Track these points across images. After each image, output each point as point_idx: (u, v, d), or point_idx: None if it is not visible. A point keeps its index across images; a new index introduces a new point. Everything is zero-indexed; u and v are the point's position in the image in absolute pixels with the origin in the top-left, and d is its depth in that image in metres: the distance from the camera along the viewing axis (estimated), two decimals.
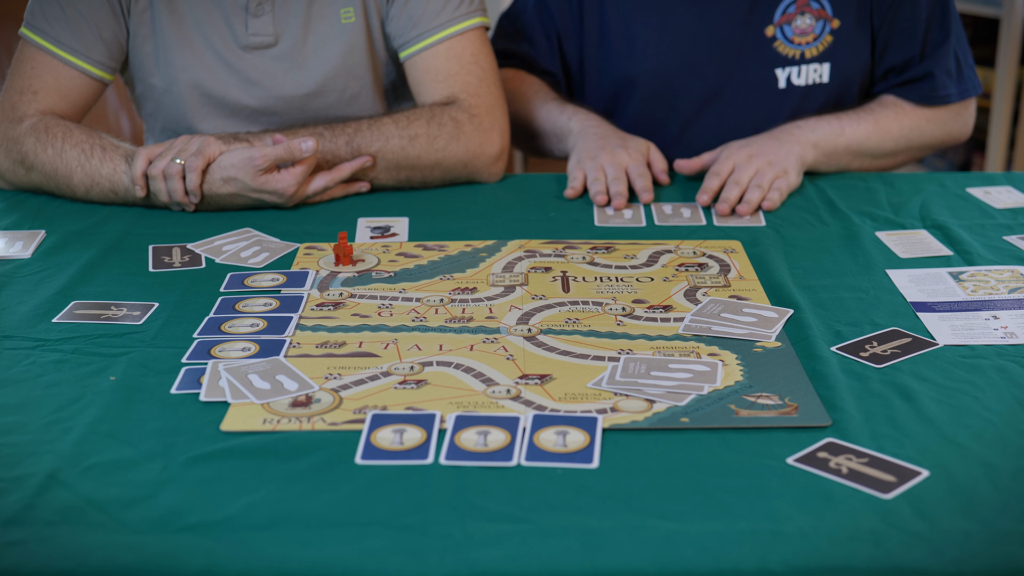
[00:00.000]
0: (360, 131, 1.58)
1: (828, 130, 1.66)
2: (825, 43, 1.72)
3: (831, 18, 1.72)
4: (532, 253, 1.40)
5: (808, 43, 1.72)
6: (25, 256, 1.40)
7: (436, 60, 1.65)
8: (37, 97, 1.59)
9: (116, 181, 1.53)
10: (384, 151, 1.58)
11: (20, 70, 1.61)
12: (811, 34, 1.71)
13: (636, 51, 1.77)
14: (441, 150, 1.61)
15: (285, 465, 0.94)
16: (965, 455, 0.96)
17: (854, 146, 1.68)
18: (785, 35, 1.72)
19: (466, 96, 1.64)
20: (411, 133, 1.59)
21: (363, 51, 1.66)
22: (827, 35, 1.72)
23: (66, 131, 1.55)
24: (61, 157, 1.54)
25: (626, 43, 1.77)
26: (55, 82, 1.60)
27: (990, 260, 1.37)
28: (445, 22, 1.63)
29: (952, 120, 1.75)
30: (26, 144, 1.56)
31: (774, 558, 0.83)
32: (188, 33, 1.62)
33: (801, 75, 1.74)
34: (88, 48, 1.60)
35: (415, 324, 1.21)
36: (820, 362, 1.11)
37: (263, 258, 1.39)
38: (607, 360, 1.12)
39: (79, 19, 1.58)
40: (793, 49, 1.72)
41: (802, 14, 1.71)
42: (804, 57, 1.73)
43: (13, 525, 0.86)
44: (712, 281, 1.32)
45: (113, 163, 1.53)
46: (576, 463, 0.94)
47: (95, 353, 1.14)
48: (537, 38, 1.83)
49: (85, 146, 1.54)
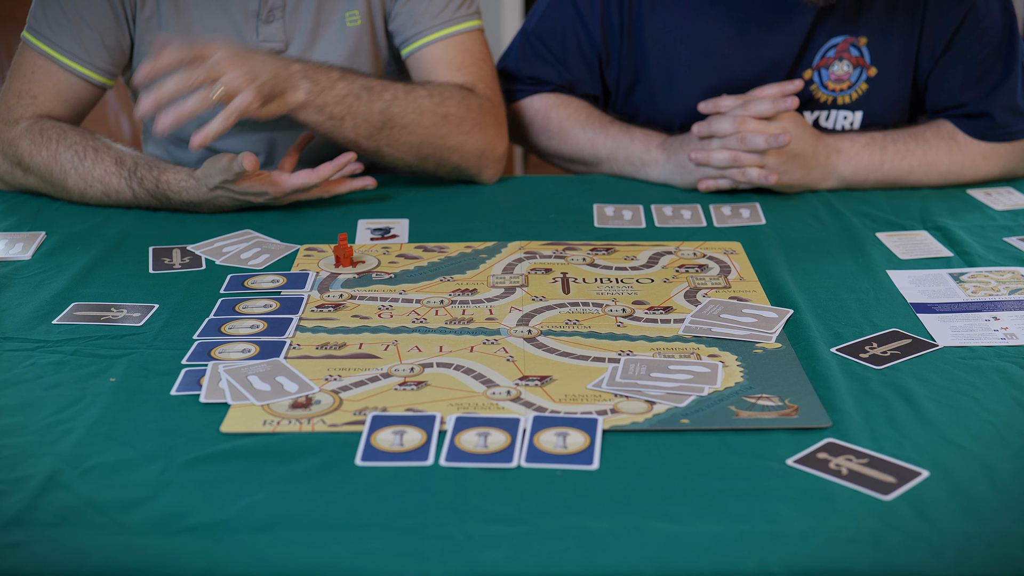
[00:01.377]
0: (397, 99, 1.54)
1: (867, 163, 1.61)
2: (860, 91, 1.67)
3: (868, 66, 1.65)
4: (532, 254, 1.40)
5: (842, 90, 1.66)
6: (25, 258, 1.40)
7: (447, 51, 1.64)
8: (35, 101, 1.59)
9: (108, 183, 1.53)
10: (415, 125, 1.55)
11: (19, 73, 1.61)
12: (847, 81, 1.66)
13: (676, 90, 1.69)
14: (466, 133, 1.58)
15: (285, 466, 0.94)
16: (965, 456, 0.96)
17: (890, 180, 1.62)
18: (821, 79, 1.66)
19: (483, 87, 1.64)
20: (444, 111, 1.56)
21: (367, 53, 1.67)
22: (863, 83, 1.66)
23: (61, 133, 1.55)
24: (56, 159, 1.54)
25: (665, 80, 1.69)
26: (55, 87, 1.60)
27: (990, 261, 1.37)
28: (447, 20, 1.64)
29: (1013, 156, 1.66)
30: (21, 146, 1.56)
31: (774, 559, 0.83)
32: (197, 39, 1.62)
33: (830, 120, 1.68)
34: (90, 54, 1.59)
35: (415, 325, 1.21)
36: (820, 363, 1.11)
37: (263, 259, 1.39)
38: (607, 361, 1.12)
39: (82, 25, 1.58)
40: (826, 95, 1.67)
41: (840, 60, 1.65)
42: (836, 103, 1.68)
43: (13, 527, 0.86)
44: (712, 282, 1.32)
45: (104, 165, 1.52)
46: (576, 464, 0.94)
47: (95, 355, 1.14)
48: (574, 62, 1.73)
49: (79, 148, 1.54)
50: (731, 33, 1.65)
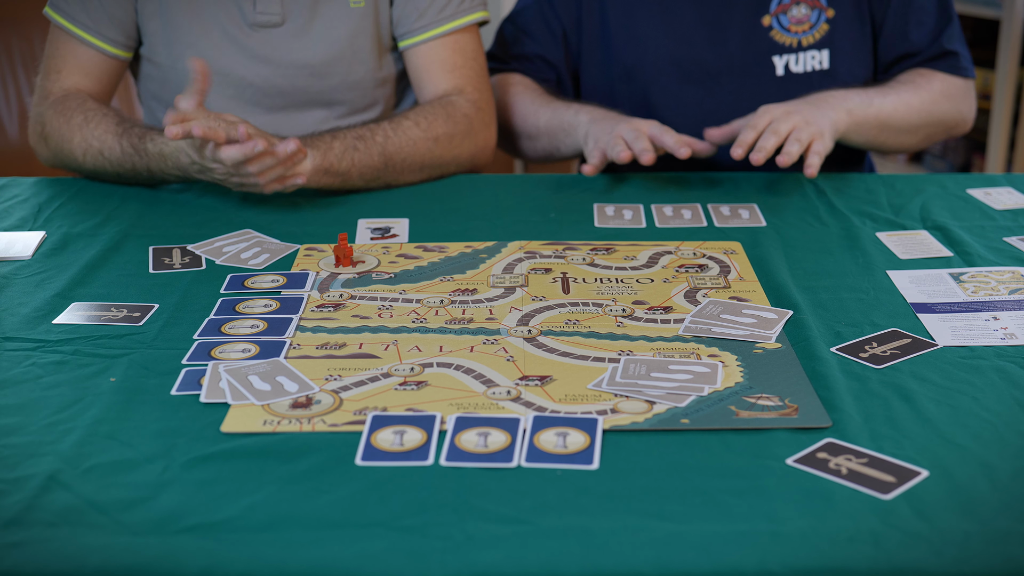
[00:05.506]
0: (389, 138, 1.59)
1: (859, 100, 1.68)
2: (821, 31, 1.75)
3: (825, 8, 1.76)
4: (532, 254, 1.40)
5: (804, 31, 1.75)
6: (25, 257, 1.40)
7: (443, 51, 1.68)
8: (61, 76, 1.65)
9: (104, 141, 1.56)
10: (412, 156, 1.61)
11: (49, 51, 1.67)
12: (807, 23, 1.75)
13: (637, 41, 1.79)
14: (458, 147, 1.66)
15: (285, 466, 0.94)
16: (964, 455, 0.96)
17: (883, 117, 1.70)
18: (781, 24, 1.75)
19: (471, 90, 1.69)
20: (434, 135, 1.63)
21: (369, 37, 1.68)
22: (823, 23, 1.75)
23: (80, 102, 1.61)
24: (68, 123, 1.59)
25: (626, 33, 1.80)
26: (75, 61, 1.65)
27: (990, 261, 1.37)
28: (451, 15, 1.66)
29: (963, 99, 1.80)
30: (46, 118, 1.62)
31: (774, 559, 0.83)
32: (196, 10, 1.64)
33: (800, 62, 1.77)
34: (100, 26, 1.64)
35: (415, 325, 1.21)
36: (820, 363, 1.11)
37: (263, 259, 1.39)
38: (607, 361, 1.12)
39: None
40: (790, 37, 1.75)
41: (797, 4, 1.75)
42: (801, 45, 1.76)
43: (13, 526, 0.87)
44: (712, 282, 1.32)
45: (105, 125, 1.57)
46: (576, 464, 0.94)
47: (95, 354, 1.14)
48: (542, 36, 1.84)
49: (90, 113, 1.59)
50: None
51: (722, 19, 1.77)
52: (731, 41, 1.78)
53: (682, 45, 1.79)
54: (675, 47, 1.79)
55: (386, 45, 1.71)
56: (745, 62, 1.78)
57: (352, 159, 1.56)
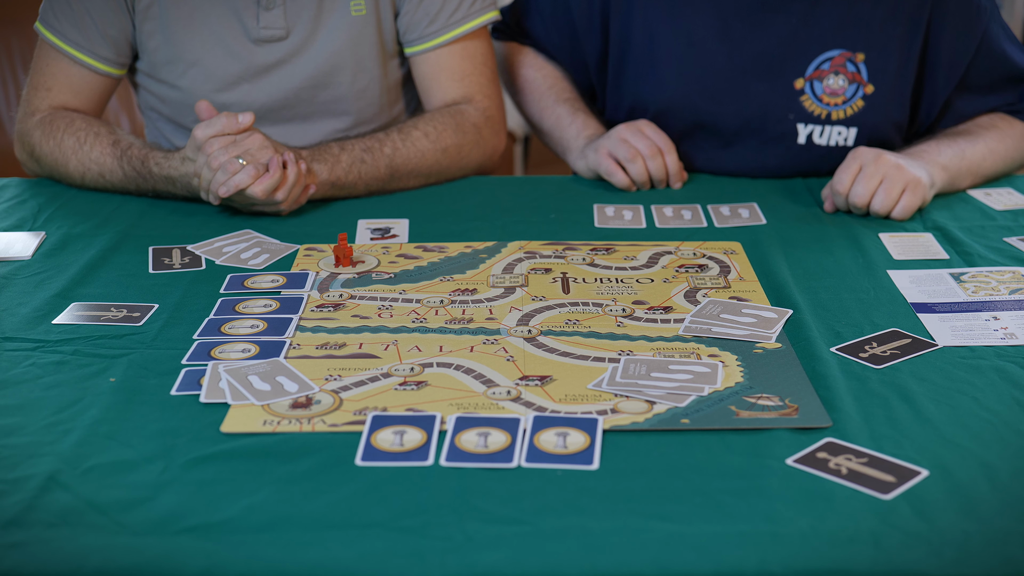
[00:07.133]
0: (397, 150, 1.60)
1: (951, 153, 1.58)
2: (855, 108, 1.63)
3: (866, 83, 1.62)
4: (532, 254, 1.40)
5: (837, 104, 1.63)
6: (25, 257, 1.40)
7: (452, 59, 1.67)
8: (50, 93, 1.64)
9: (103, 164, 1.56)
10: (420, 167, 1.62)
11: (37, 66, 1.66)
12: (841, 95, 1.62)
13: (656, 76, 1.68)
14: (467, 156, 1.66)
15: (285, 467, 0.94)
16: (964, 455, 0.96)
17: (974, 168, 1.61)
18: (814, 91, 1.63)
19: (481, 98, 1.69)
20: (443, 145, 1.63)
21: (372, 44, 1.67)
22: (858, 99, 1.63)
23: (68, 122, 1.59)
24: (60, 147, 1.58)
25: (647, 66, 1.69)
26: (66, 78, 1.64)
27: (991, 261, 1.37)
28: (462, 18, 1.65)
29: None
30: (34, 137, 1.61)
31: (774, 559, 0.83)
32: (197, 27, 1.63)
33: (824, 135, 1.65)
34: (93, 44, 1.62)
35: (415, 325, 1.21)
36: (820, 363, 1.11)
37: (263, 259, 1.39)
38: (607, 361, 1.12)
39: (85, 16, 1.60)
40: (820, 108, 1.63)
41: (836, 74, 1.62)
42: (830, 118, 1.64)
43: (13, 527, 0.87)
44: (712, 282, 1.32)
45: (101, 147, 1.56)
46: (576, 464, 0.94)
47: (95, 355, 1.14)
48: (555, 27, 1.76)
49: (81, 134, 1.58)
50: (716, 25, 1.65)
51: (752, 73, 1.64)
52: (757, 99, 1.65)
53: (703, 92, 1.66)
54: (695, 93, 1.66)
55: (390, 52, 1.70)
56: (767, 124, 1.66)
57: (359, 172, 1.57)
